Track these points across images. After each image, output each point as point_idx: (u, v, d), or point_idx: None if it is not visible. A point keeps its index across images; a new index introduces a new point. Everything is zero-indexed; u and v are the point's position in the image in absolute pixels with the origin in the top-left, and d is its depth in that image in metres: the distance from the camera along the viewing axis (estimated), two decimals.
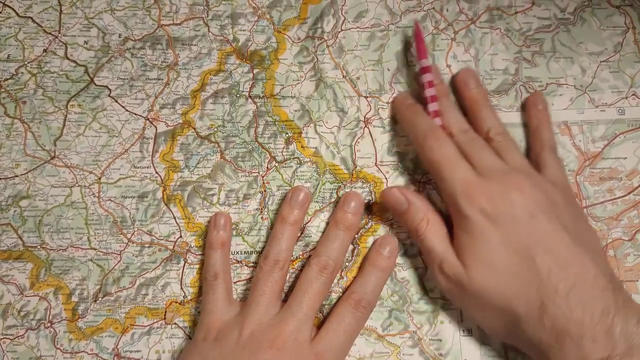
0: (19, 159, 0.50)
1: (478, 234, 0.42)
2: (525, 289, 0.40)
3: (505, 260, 0.41)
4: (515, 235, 0.41)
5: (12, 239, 0.49)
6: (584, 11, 0.53)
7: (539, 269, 0.39)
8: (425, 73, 0.48)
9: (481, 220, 0.41)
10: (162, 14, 0.53)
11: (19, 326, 0.47)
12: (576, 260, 0.40)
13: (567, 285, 0.38)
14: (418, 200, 0.46)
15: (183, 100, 0.51)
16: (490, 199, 0.42)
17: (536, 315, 0.39)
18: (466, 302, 0.44)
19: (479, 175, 0.43)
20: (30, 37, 0.52)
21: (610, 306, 0.38)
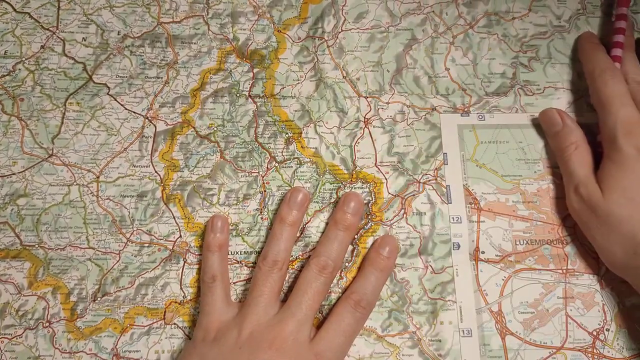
0: (16, 156, 0.49)
1: (626, 166, 0.45)
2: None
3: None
4: None
5: (10, 238, 0.48)
6: (578, 19, 0.53)
7: None
8: (620, 20, 0.51)
9: (633, 155, 0.44)
10: (161, 11, 0.52)
11: (17, 326, 0.47)
12: None
13: None
14: (573, 124, 0.49)
15: (183, 99, 0.51)
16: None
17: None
18: (593, 225, 0.46)
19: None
20: (28, 33, 0.51)
21: None
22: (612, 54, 0.50)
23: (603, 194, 0.45)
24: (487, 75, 0.52)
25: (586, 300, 0.47)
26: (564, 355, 0.46)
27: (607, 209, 0.44)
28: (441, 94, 0.52)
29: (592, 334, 0.46)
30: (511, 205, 0.49)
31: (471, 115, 0.51)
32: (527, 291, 0.47)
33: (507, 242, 0.48)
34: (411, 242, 0.49)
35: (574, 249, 0.49)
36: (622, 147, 0.45)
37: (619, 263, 0.45)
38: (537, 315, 0.47)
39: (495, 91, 0.52)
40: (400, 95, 0.52)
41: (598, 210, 0.45)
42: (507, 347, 0.46)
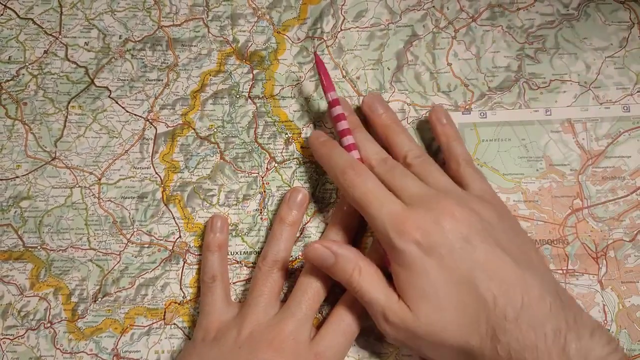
0: (20, 160, 0.50)
1: (416, 268, 0.39)
2: (474, 321, 0.38)
3: (448, 294, 0.38)
4: (453, 265, 0.39)
5: (13, 240, 0.49)
6: (587, 6, 0.52)
7: (484, 297, 0.37)
8: (334, 106, 0.47)
9: (417, 253, 0.39)
10: (162, 15, 0.53)
11: (19, 326, 0.48)
12: (519, 281, 0.38)
13: (515, 309, 0.37)
14: (345, 250, 0.43)
15: (183, 101, 0.51)
16: (422, 230, 0.39)
17: (490, 346, 0.37)
18: (418, 345, 0.41)
19: (406, 206, 0.41)
20: (31, 39, 0.52)
21: (562, 324, 0.36)
22: (343, 144, 0.46)
23: (410, 312, 0.39)
24: (490, 70, 0.51)
25: (586, 300, 0.46)
26: None
27: (422, 328, 0.39)
28: (443, 91, 0.51)
29: None
30: (512, 205, 0.48)
31: (473, 114, 0.50)
32: None
33: None
34: None
35: (575, 249, 0.47)
36: (401, 248, 0.39)
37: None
38: None
39: (498, 86, 0.50)
40: (400, 94, 0.51)
41: (414, 331, 0.39)
42: None
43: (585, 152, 0.49)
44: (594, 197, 0.48)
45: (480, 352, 0.37)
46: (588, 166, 0.48)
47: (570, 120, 0.49)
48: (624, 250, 0.47)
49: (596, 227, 0.47)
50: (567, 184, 0.48)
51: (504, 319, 0.37)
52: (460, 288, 0.38)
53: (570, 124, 0.49)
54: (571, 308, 0.38)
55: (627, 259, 0.47)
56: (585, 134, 0.49)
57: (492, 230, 0.40)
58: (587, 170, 0.48)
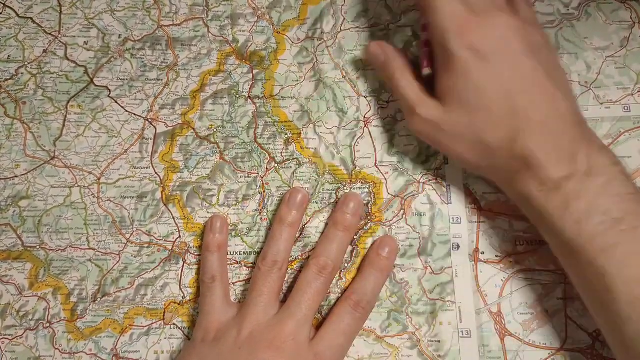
0: (19, 159, 0.50)
1: (462, 69, 0.42)
2: (499, 123, 0.41)
3: (484, 96, 0.42)
4: (498, 73, 0.41)
5: (12, 239, 0.49)
6: (588, 6, 0.52)
7: (517, 105, 0.41)
8: None
9: (468, 56, 0.42)
10: (161, 14, 0.53)
11: (18, 326, 0.48)
12: (551, 97, 0.41)
13: (540, 118, 0.41)
14: (394, 52, 0.48)
15: (182, 100, 0.51)
16: (480, 35, 0.42)
17: (507, 147, 0.41)
18: (442, 139, 0.45)
19: (470, 10, 0.42)
20: (31, 38, 0.52)
21: (577, 137, 0.41)
22: None
23: (444, 107, 0.44)
24: None
25: None
26: (564, 357, 0.45)
27: (449, 121, 0.43)
28: None
29: (591, 335, 0.45)
30: (512, 205, 0.48)
31: None
32: (526, 292, 0.46)
33: (507, 243, 0.47)
34: (410, 243, 0.48)
35: None
36: (454, 50, 0.42)
37: (474, 166, 0.45)
38: (537, 316, 0.46)
39: None
40: None
41: (442, 124, 0.44)
42: (507, 348, 0.45)
43: None
44: None
45: (497, 150, 0.42)
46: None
47: None
48: None
49: None
50: None
51: (527, 124, 0.41)
52: (498, 93, 0.41)
53: None
54: (586, 127, 0.42)
55: None
56: None
57: (537, 50, 0.42)
58: None
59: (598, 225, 0.38)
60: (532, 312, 0.46)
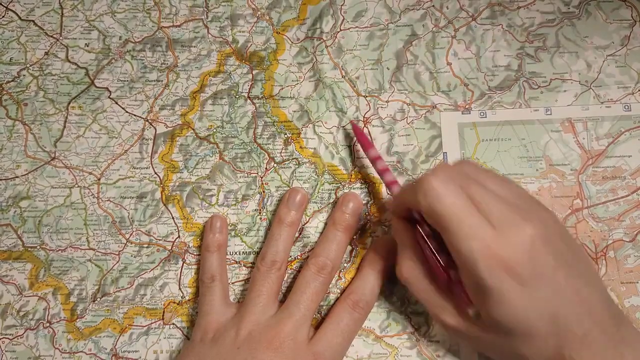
0: (20, 160, 0.51)
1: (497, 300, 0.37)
2: (543, 342, 0.38)
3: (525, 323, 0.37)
4: (539, 293, 0.37)
5: (12, 240, 0.49)
6: (589, 4, 0.51)
7: (559, 322, 0.37)
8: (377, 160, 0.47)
9: (503, 285, 0.36)
10: (162, 16, 0.53)
11: (18, 326, 0.48)
12: (586, 302, 0.37)
13: (582, 330, 0.37)
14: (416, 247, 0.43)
15: (182, 101, 0.51)
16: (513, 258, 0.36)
17: None
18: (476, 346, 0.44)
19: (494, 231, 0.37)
20: (32, 40, 0.53)
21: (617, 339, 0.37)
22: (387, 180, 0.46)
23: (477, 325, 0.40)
24: (490, 69, 0.51)
25: None
26: None
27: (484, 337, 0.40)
28: (442, 91, 0.50)
29: None
30: None
31: (472, 113, 0.50)
32: None
33: None
34: None
35: None
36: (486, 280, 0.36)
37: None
38: None
39: (498, 85, 0.50)
40: (400, 94, 0.51)
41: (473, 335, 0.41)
42: None
43: (586, 151, 0.48)
44: (594, 197, 0.47)
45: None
46: (588, 166, 0.48)
47: (571, 120, 0.49)
48: (624, 250, 0.46)
49: (596, 227, 0.47)
50: (567, 183, 0.48)
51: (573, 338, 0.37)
52: (541, 314, 0.37)
53: (571, 123, 0.49)
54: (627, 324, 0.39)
55: (627, 260, 0.46)
56: (585, 133, 0.49)
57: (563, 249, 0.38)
58: (588, 170, 0.48)
59: None
60: None
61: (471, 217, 0.37)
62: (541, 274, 0.37)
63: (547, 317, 0.37)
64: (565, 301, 0.37)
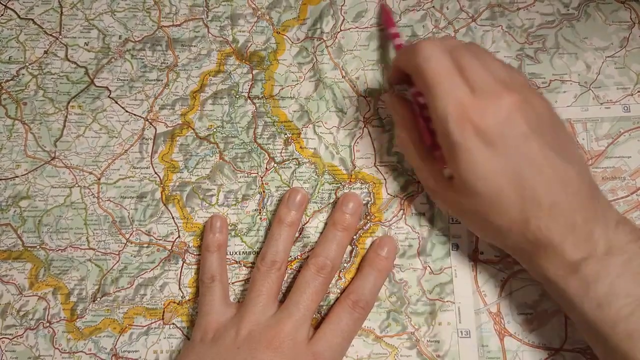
0: (20, 159, 0.50)
1: (467, 160, 0.39)
2: (509, 208, 0.39)
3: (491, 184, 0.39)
4: (506, 158, 0.39)
5: (12, 239, 0.49)
6: (588, 6, 0.52)
7: (525, 188, 0.39)
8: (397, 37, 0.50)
9: (472, 145, 0.39)
10: (162, 15, 0.53)
11: (18, 326, 0.48)
12: (561, 175, 0.39)
13: (551, 199, 0.38)
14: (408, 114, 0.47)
15: (182, 101, 0.51)
16: (484, 121, 0.39)
17: (519, 230, 0.39)
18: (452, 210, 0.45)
19: (472, 92, 0.39)
20: (31, 39, 0.52)
21: (590, 215, 0.38)
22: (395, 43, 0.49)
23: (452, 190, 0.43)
24: None
25: None
26: (563, 357, 0.45)
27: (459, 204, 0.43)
28: None
29: None
30: None
31: None
32: (526, 292, 0.46)
33: None
34: (410, 243, 0.48)
35: None
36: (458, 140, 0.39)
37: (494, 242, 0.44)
38: (536, 317, 0.46)
39: None
40: None
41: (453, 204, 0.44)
42: (506, 348, 0.45)
43: (585, 152, 0.48)
44: None
45: (508, 233, 0.40)
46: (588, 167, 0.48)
47: (570, 120, 0.49)
48: None
49: None
50: None
51: (538, 207, 0.38)
52: (506, 180, 0.39)
53: (570, 124, 0.49)
54: (601, 201, 0.40)
55: None
56: (585, 134, 0.49)
57: (544, 126, 0.40)
58: None
59: (621, 309, 0.36)
60: (531, 312, 0.46)
61: (452, 78, 0.40)
62: (511, 138, 0.39)
63: (513, 182, 0.39)
64: (534, 170, 0.39)
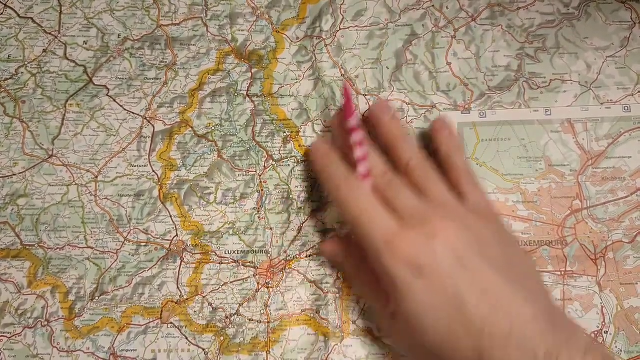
0: (17, 157, 0.50)
1: (405, 292, 0.37)
2: (460, 343, 0.36)
3: (435, 317, 0.37)
4: (443, 287, 0.37)
5: (10, 238, 0.49)
6: (588, 6, 0.51)
7: (473, 318, 0.36)
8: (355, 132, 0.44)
9: (406, 275, 0.37)
10: (161, 14, 0.53)
11: (16, 324, 0.48)
12: (511, 302, 0.36)
13: (504, 332, 0.35)
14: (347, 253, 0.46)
15: (181, 99, 0.51)
16: (414, 249, 0.38)
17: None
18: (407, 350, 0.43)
19: (400, 225, 0.39)
20: (31, 38, 0.52)
21: (553, 347, 0.35)
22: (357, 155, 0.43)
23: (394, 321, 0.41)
24: (490, 69, 0.51)
25: (585, 302, 0.45)
26: None
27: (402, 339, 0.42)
28: (442, 91, 0.50)
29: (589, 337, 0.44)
30: (511, 206, 0.48)
31: (472, 113, 0.50)
32: None
33: None
34: None
35: (573, 250, 0.47)
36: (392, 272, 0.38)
37: None
38: None
39: (498, 85, 0.50)
40: (399, 93, 0.51)
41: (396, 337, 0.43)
42: None
43: (586, 152, 0.48)
44: (594, 198, 0.47)
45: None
46: (588, 167, 0.48)
47: (571, 120, 0.49)
48: (623, 251, 0.46)
49: (595, 228, 0.47)
50: (566, 184, 0.48)
51: (491, 341, 0.35)
52: (449, 311, 0.37)
53: (571, 124, 0.49)
54: (564, 328, 0.36)
55: (626, 261, 0.46)
56: (585, 134, 0.49)
57: (486, 249, 0.39)
58: (587, 170, 0.48)
59: None
60: None
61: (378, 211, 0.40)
62: (444, 268, 0.37)
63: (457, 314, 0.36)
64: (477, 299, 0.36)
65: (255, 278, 0.48)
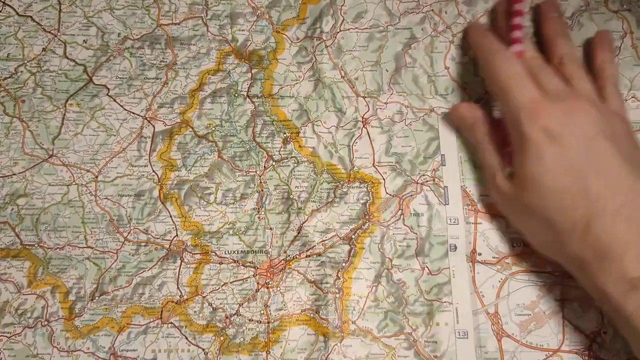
0: (17, 157, 0.50)
1: (534, 154, 0.41)
2: (572, 208, 0.40)
3: (557, 180, 0.40)
4: (571, 155, 0.40)
5: (10, 237, 0.49)
6: (581, 16, 0.52)
7: (589, 189, 0.39)
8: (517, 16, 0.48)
9: (541, 138, 0.41)
10: (161, 13, 0.53)
11: (17, 324, 0.47)
12: (627, 184, 0.39)
13: (615, 206, 0.39)
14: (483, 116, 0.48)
15: (181, 99, 0.51)
16: (553, 118, 0.41)
17: (580, 233, 0.39)
18: (515, 216, 0.46)
19: (544, 97, 0.43)
20: (30, 36, 0.52)
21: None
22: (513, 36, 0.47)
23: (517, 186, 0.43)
24: None
25: (583, 302, 0.46)
26: (561, 358, 0.45)
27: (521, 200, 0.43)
28: (440, 94, 0.51)
29: (589, 337, 0.46)
30: None
31: None
32: (523, 293, 0.47)
33: (504, 244, 0.48)
34: (408, 244, 0.48)
35: None
36: (527, 131, 0.41)
37: (547, 249, 0.45)
38: (534, 318, 0.46)
39: None
40: (398, 96, 0.51)
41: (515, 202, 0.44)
42: (503, 349, 0.46)
43: None
44: None
45: (568, 236, 0.40)
46: None
47: None
48: None
49: None
50: None
51: (602, 212, 0.39)
52: (569, 176, 0.40)
53: None
54: None
55: None
56: None
57: (616, 138, 0.41)
58: None
59: None
60: (529, 313, 0.46)
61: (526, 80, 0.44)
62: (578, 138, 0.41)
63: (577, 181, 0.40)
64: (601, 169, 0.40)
65: (255, 278, 0.48)
